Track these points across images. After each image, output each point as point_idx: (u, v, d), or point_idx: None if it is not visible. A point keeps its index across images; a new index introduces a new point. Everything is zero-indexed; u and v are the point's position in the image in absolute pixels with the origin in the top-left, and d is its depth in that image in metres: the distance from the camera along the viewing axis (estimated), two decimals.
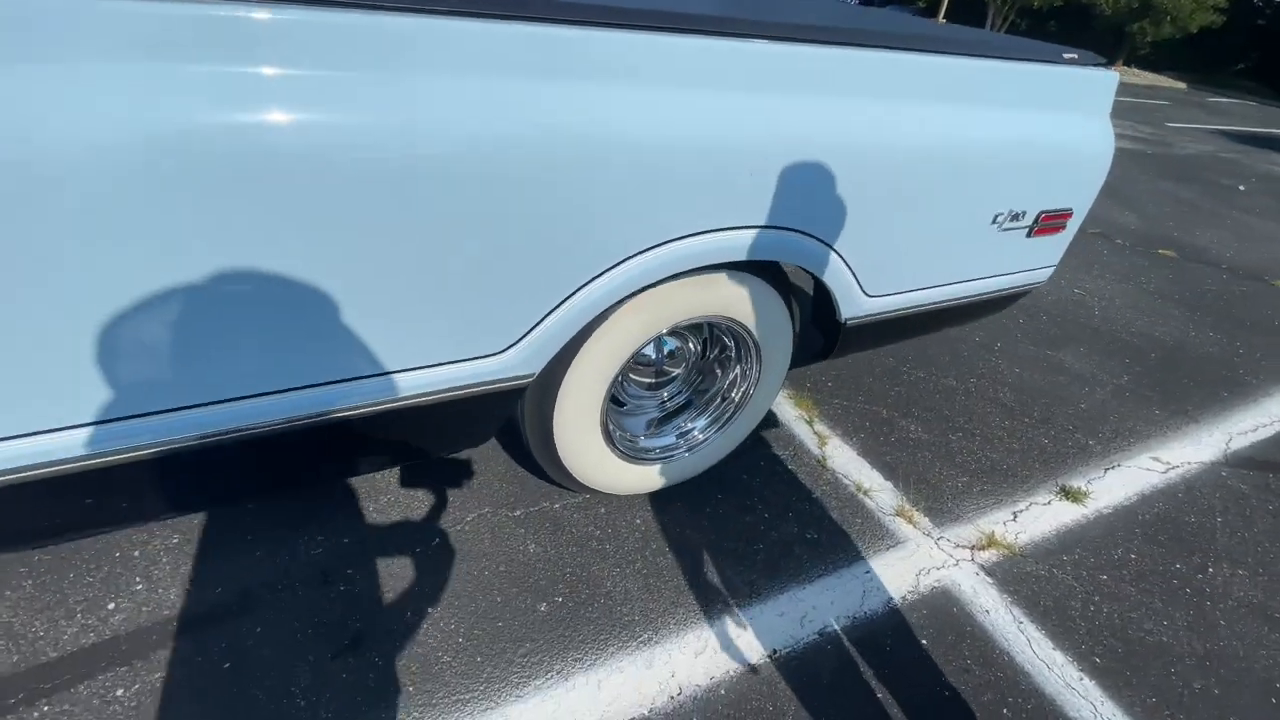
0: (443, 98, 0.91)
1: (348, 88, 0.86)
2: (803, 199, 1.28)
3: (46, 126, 0.72)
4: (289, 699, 1.19)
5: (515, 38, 0.95)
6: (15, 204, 0.73)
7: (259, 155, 0.82)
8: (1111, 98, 1.71)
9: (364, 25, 0.85)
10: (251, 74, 0.80)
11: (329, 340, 0.99)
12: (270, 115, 0.81)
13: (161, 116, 0.76)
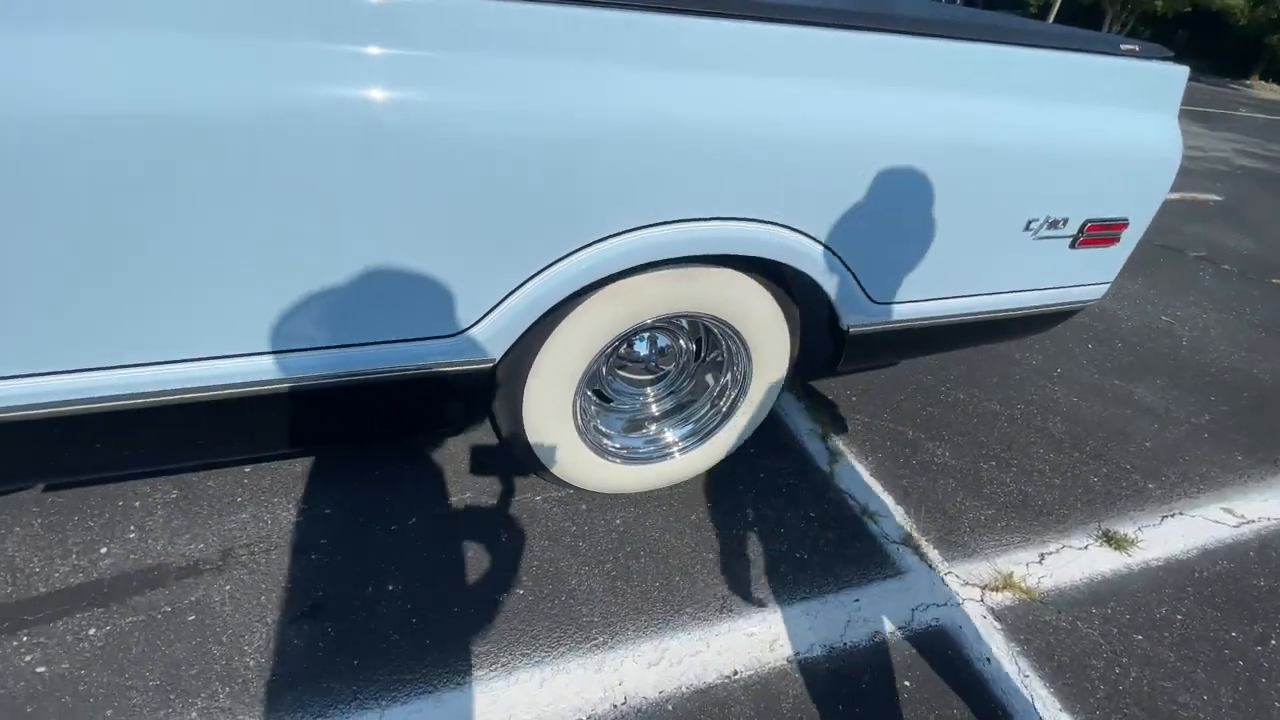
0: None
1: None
2: (788, 191, 1.20)
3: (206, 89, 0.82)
4: (239, 657, 1.23)
5: (496, 14, 0.94)
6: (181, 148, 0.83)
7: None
8: (1179, 94, 1.51)
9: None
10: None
11: (295, 306, 1.01)
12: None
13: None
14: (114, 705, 1.14)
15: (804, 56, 1.15)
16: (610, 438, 1.59)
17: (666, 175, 1.09)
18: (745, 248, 1.23)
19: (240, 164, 0.88)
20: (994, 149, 1.33)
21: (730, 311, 1.40)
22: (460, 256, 1.07)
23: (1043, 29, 1.52)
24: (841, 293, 1.40)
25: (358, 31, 0.89)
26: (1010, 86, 1.33)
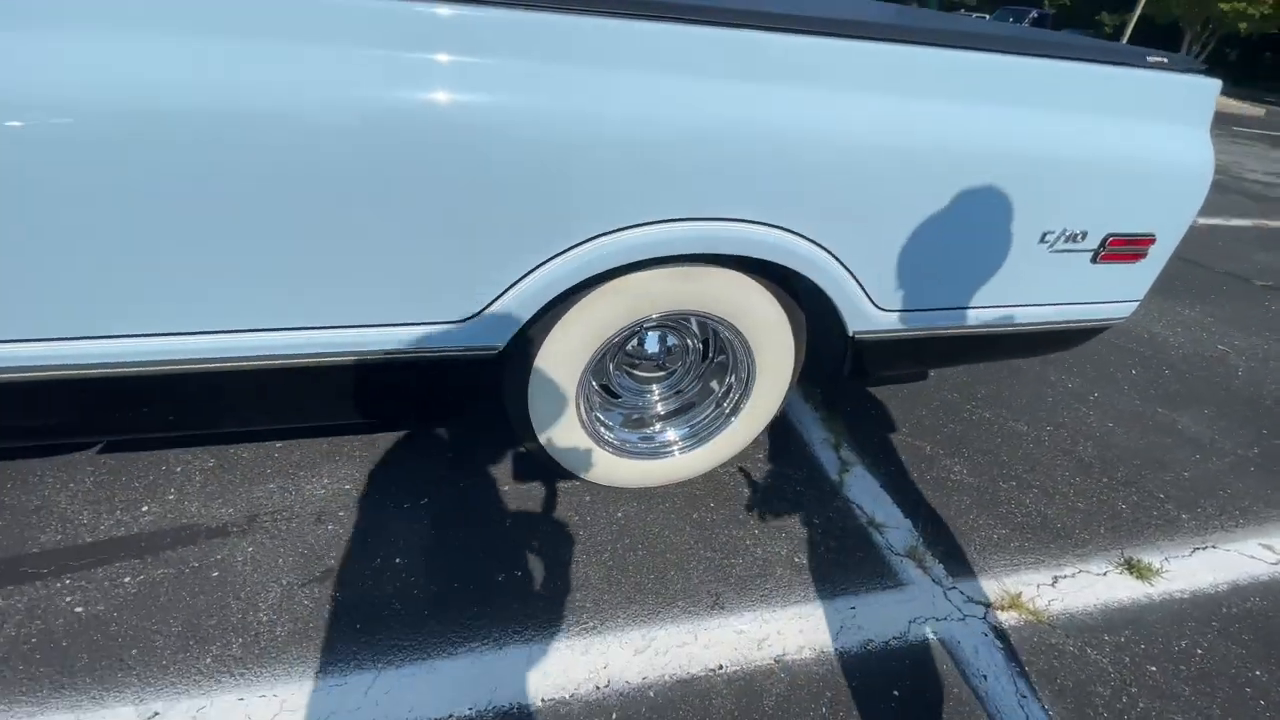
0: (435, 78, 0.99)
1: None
2: (789, 195, 1.23)
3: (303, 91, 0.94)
4: (254, 613, 1.32)
5: (500, 24, 1.01)
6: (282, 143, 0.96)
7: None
8: (1210, 108, 1.47)
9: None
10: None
11: (325, 285, 1.11)
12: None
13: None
14: (139, 646, 1.24)
15: (812, 65, 1.18)
16: (613, 431, 1.63)
17: (668, 176, 1.14)
18: (745, 249, 1.26)
19: (314, 156, 0.98)
20: (1005, 159, 1.33)
21: (732, 312, 1.43)
22: (474, 246, 1.14)
23: (1062, 40, 1.51)
24: (845, 298, 1.41)
25: (428, 41, 0.98)
26: (1022, 97, 1.32)
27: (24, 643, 1.23)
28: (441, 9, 0.99)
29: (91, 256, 0.99)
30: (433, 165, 1.04)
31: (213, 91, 0.93)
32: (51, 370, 1.06)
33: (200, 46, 0.92)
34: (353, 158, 1.01)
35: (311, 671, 1.23)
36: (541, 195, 1.11)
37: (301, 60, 0.95)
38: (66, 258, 0.98)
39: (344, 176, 1.02)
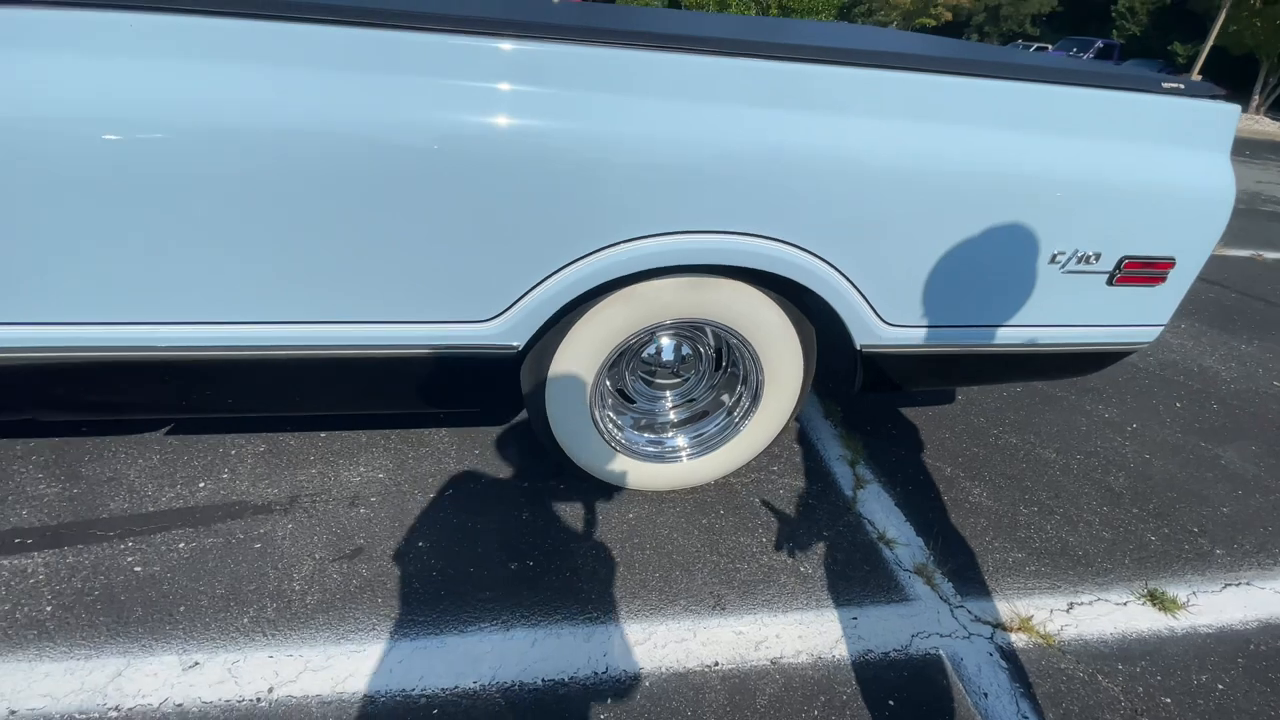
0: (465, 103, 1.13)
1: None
2: (794, 211, 1.30)
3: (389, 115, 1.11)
4: (288, 582, 1.45)
5: (514, 54, 1.14)
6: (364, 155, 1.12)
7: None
8: (1230, 133, 1.47)
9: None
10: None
11: (366, 283, 1.24)
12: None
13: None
14: (186, 603, 1.38)
15: (821, 91, 1.26)
16: (625, 433, 1.71)
17: (679, 192, 1.23)
18: (750, 261, 1.34)
19: (387, 171, 1.13)
20: (1009, 182, 1.37)
21: (740, 321, 1.50)
22: (502, 252, 1.26)
23: (1076, 67, 1.54)
24: (851, 312, 1.46)
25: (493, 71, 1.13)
26: (1027, 121, 1.36)
27: (88, 594, 1.38)
28: (500, 44, 1.12)
29: (200, 255, 1.16)
30: (475, 180, 1.17)
31: (309, 116, 1.08)
32: (156, 351, 1.24)
33: (305, 78, 1.08)
34: (411, 174, 1.14)
35: (335, 637, 1.34)
36: (566, 207, 1.22)
37: (378, 89, 1.10)
38: (182, 254, 1.15)
39: (401, 190, 1.15)
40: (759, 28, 1.85)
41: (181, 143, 1.07)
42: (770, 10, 15.75)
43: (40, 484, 1.64)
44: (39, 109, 1.03)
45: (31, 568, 1.43)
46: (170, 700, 1.20)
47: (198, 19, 1.05)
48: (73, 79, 1.03)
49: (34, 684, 1.21)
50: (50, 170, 1.06)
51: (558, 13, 1.52)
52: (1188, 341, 3.23)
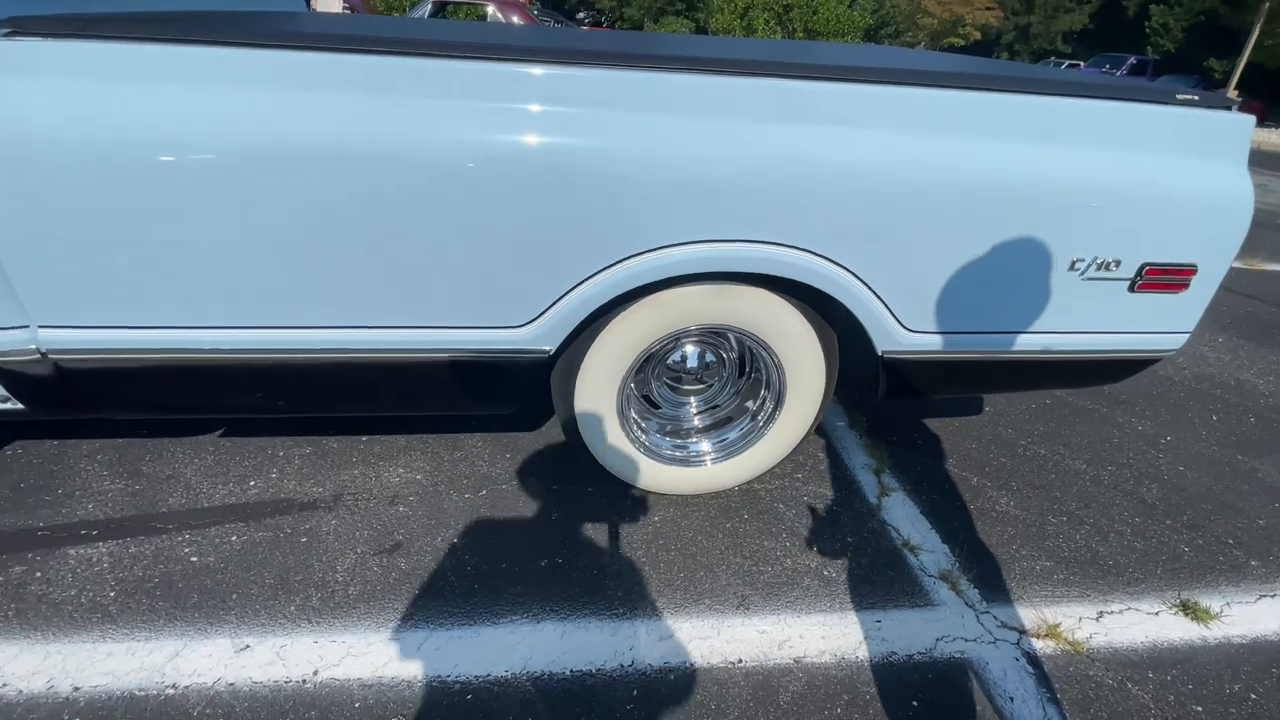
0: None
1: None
2: (812, 219, 1.36)
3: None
4: (331, 574, 1.52)
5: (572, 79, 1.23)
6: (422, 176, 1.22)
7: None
8: (1246, 142, 1.49)
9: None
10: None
11: (407, 290, 1.33)
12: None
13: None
14: (238, 591, 1.46)
15: (839, 107, 1.33)
16: (650, 437, 1.76)
17: (702, 203, 1.30)
18: (771, 269, 1.39)
19: (434, 189, 1.22)
20: (1025, 191, 1.40)
21: (762, 328, 1.55)
22: (538, 261, 1.34)
23: (1091, 80, 1.58)
24: (871, 319, 1.50)
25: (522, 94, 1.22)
26: (1041, 133, 1.40)
27: (148, 581, 1.48)
28: (534, 69, 1.22)
29: (282, 265, 1.28)
30: (512, 194, 1.25)
31: (366, 139, 1.18)
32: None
33: (363, 102, 1.19)
34: (455, 190, 1.24)
35: (375, 625, 1.41)
36: (596, 218, 1.30)
37: (425, 111, 1.20)
38: (269, 265, 1.28)
39: (447, 206, 1.25)
40: (783, 50, 1.93)
41: (272, 166, 1.18)
42: (796, 33, 15.93)
43: (105, 480, 1.76)
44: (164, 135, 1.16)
45: (96, 556, 1.53)
46: (223, 680, 1.28)
47: (294, 54, 1.17)
48: (181, 108, 1.16)
49: (97, 663, 1.30)
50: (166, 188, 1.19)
51: (585, 39, 1.62)
52: (1224, 355, 3.17)
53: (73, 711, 1.21)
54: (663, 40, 2.04)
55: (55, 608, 1.40)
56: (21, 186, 1.16)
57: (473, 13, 9.75)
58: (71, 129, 1.14)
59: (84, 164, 1.15)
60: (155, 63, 1.16)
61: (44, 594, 1.43)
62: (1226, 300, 3.93)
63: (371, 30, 1.48)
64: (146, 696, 1.24)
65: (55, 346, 1.31)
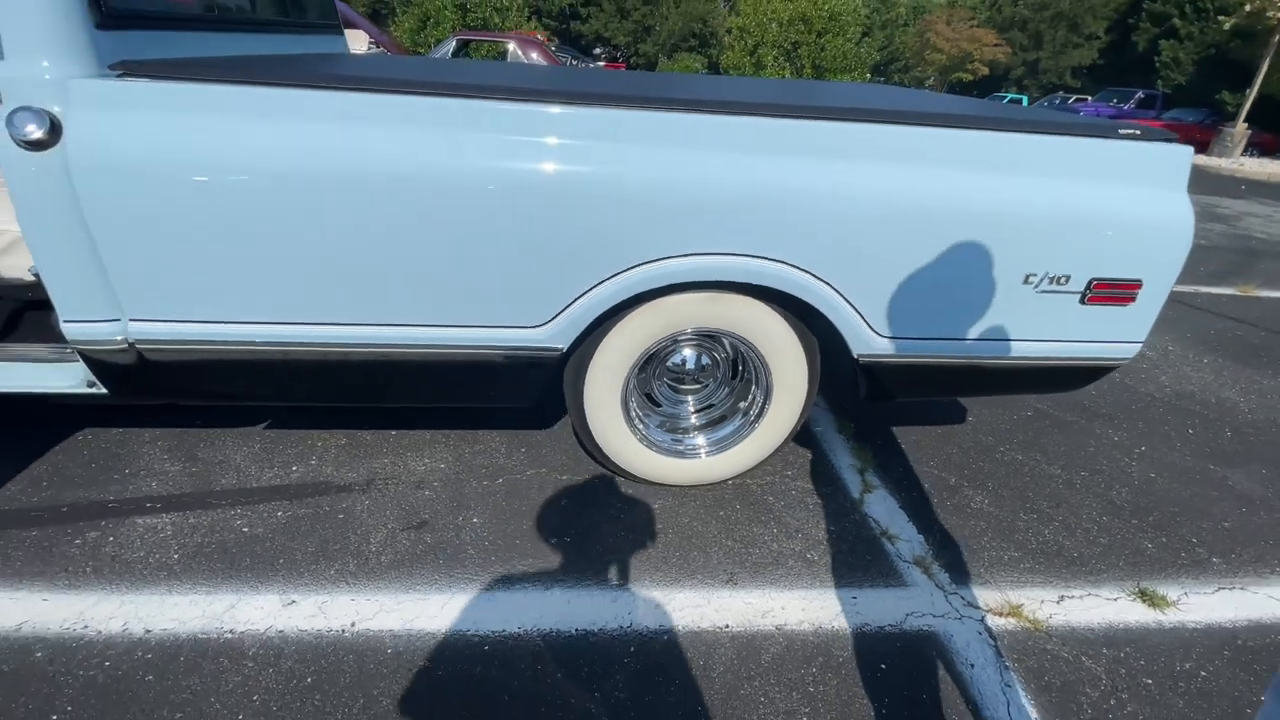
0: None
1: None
2: (792, 237, 1.56)
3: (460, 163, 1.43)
4: (366, 545, 1.72)
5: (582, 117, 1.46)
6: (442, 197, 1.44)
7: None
8: (1185, 171, 1.68)
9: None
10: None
11: (439, 293, 1.55)
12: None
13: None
14: (284, 557, 1.66)
15: (816, 140, 1.54)
16: (652, 431, 1.95)
17: (698, 222, 1.51)
18: (755, 279, 1.59)
19: (455, 208, 1.44)
20: (983, 214, 1.60)
21: (751, 331, 1.75)
22: (556, 269, 1.55)
23: (1042, 118, 1.78)
24: (846, 324, 1.69)
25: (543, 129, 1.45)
26: (1000, 164, 1.60)
27: (206, 548, 1.68)
28: (553, 109, 1.44)
29: (353, 271, 1.50)
30: (534, 212, 1.47)
31: (413, 165, 1.41)
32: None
33: (413, 135, 1.42)
34: (490, 208, 1.45)
35: (404, 588, 1.60)
36: (606, 234, 1.51)
37: (463, 143, 1.43)
38: (348, 271, 1.51)
39: (481, 221, 1.46)
40: (773, 90, 2.16)
41: (331, 187, 1.41)
42: (805, 70, 16.40)
43: (166, 463, 1.98)
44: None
45: (160, 525, 1.74)
46: (273, 628, 1.47)
47: (356, 95, 1.41)
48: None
49: (165, 611, 1.50)
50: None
51: (600, 80, 1.86)
52: (1208, 375, 3.30)
53: (145, 649, 1.40)
54: (665, 81, 2.29)
55: (127, 566, 1.61)
56: (126, 201, 1.40)
57: (494, 50, 10.23)
58: (166, 153, 1.38)
59: (176, 183, 1.39)
60: (237, 101, 1.40)
61: (117, 555, 1.64)
62: (1216, 324, 4.07)
63: (415, 73, 1.72)
64: (209, 638, 1.43)
65: (141, 338, 1.54)
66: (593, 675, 1.42)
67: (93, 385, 1.66)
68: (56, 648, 1.39)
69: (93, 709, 1.28)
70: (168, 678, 1.35)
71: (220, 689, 1.33)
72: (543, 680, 1.40)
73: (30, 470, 1.90)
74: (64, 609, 1.48)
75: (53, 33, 1.36)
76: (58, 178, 1.37)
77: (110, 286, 1.49)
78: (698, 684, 1.42)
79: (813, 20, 15.97)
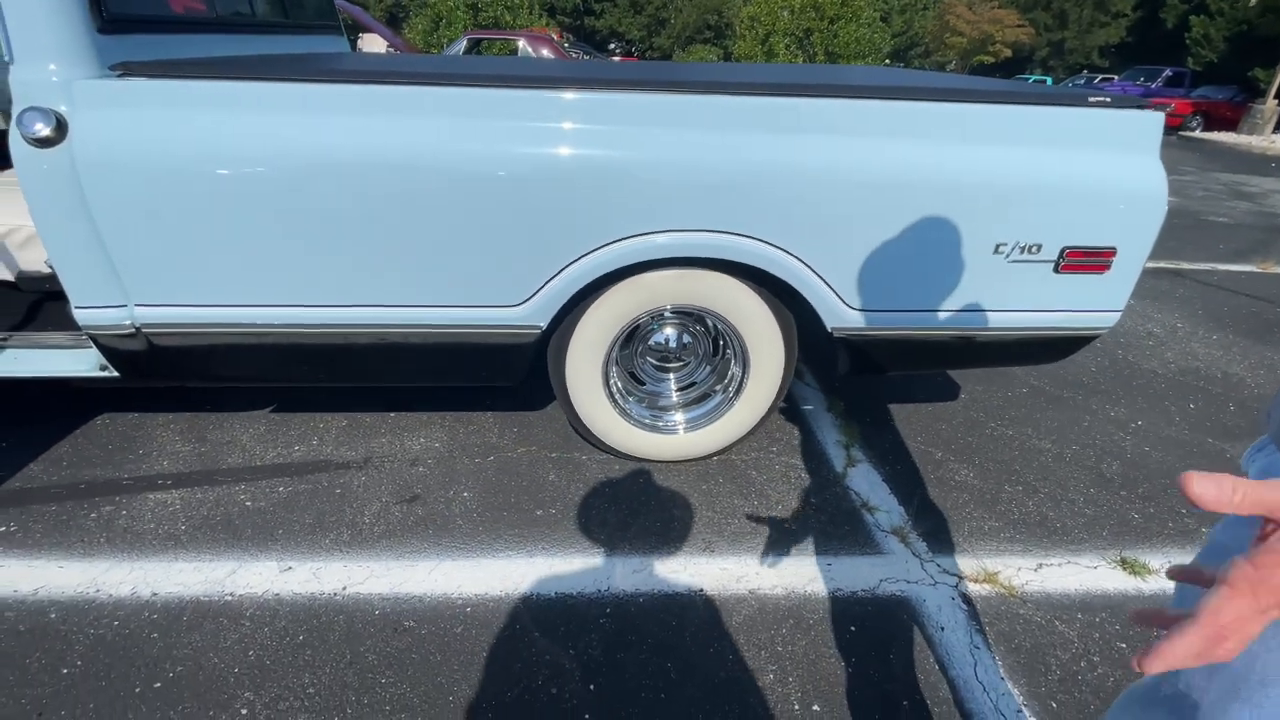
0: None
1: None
2: (760, 212, 1.60)
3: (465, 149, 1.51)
4: (360, 517, 1.81)
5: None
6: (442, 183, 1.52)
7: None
8: (1157, 137, 1.68)
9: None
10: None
11: (427, 274, 1.62)
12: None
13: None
14: (283, 527, 1.76)
15: (783, 116, 1.58)
16: (633, 406, 2.01)
17: (669, 198, 1.56)
18: (724, 254, 1.64)
19: (436, 192, 1.51)
20: (950, 185, 1.62)
21: (725, 308, 1.79)
22: (530, 250, 1.61)
23: (1014, 89, 1.79)
24: (818, 298, 1.73)
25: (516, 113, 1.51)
26: (967, 135, 1.62)
27: (211, 519, 1.78)
28: (525, 93, 1.51)
29: (356, 252, 1.59)
30: (515, 196, 1.53)
31: (399, 152, 1.49)
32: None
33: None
34: (467, 190, 1.52)
35: (394, 556, 1.68)
36: (581, 211, 1.56)
37: (443, 129, 1.50)
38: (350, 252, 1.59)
39: (463, 202, 1.53)
40: (752, 73, 2.19)
41: (321, 176, 1.49)
42: (818, 57, 16.25)
43: (177, 443, 2.09)
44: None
45: (169, 500, 1.85)
46: (270, 591, 1.56)
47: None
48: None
49: (171, 576, 1.60)
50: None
51: (579, 69, 1.91)
52: (1215, 351, 3.25)
53: (151, 610, 1.50)
54: (648, 68, 2.33)
55: (138, 536, 1.72)
56: (127, 192, 1.49)
57: (505, 48, 10.34)
58: (166, 147, 1.47)
59: (175, 174, 1.48)
60: (230, 97, 1.48)
61: (129, 526, 1.75)
62: (1231, 301, 3.98)
63: (398, 67, 1.80)
64: (210, 601, 1.53)
65: (147, 322, 1.64)
66: (569, 634, 1.49)
67: (105, 369, 1.77)
68: (69, 609, 1.50)
69: (101, 663, 1.38)
70: (171, 635, 1.44)
71: (219, 645, 1.42)
72: (520, 638, 1.47)
73: (52, 451, 2.03)
74: (78, 575, 1.59)
75: (59, 38, 1.45)
76: (65, 172, 1.47)
77: (115, 273, 1.59)
78: (668, 643, 1.48)
79: (824, 6, 15.81)
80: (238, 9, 2.20)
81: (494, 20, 15.75)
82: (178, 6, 1.89)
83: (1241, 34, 20.06)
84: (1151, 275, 4.34)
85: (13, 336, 1.88)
